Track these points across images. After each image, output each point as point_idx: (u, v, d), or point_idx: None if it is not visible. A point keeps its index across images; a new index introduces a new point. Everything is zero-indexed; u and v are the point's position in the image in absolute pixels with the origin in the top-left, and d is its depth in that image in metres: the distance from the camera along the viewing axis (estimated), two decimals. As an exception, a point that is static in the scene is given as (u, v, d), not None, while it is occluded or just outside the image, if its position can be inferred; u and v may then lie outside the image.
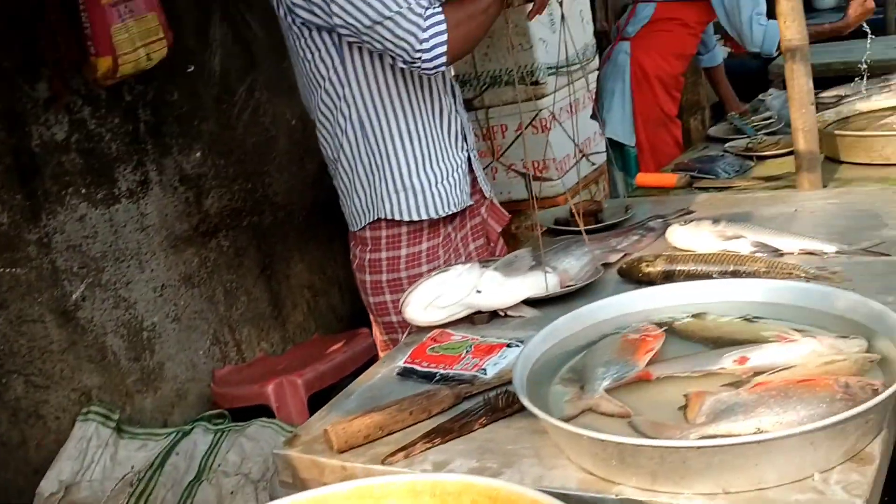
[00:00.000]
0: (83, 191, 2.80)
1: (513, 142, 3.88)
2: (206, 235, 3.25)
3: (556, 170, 3.97)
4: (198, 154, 3.22)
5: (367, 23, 1.86)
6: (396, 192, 2.09)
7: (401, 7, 1.85)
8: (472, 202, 2.22)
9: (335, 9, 1.87)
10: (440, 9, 1.90)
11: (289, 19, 1.99)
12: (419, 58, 1.88)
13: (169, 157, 3.10)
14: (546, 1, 2.05)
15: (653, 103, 3.45)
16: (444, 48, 1.87)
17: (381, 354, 2.26)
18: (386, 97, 2.04)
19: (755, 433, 1.07)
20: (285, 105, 3.64)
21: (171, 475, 2.63)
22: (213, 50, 3.29)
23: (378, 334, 2.28)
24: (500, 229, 2.39)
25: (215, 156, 3.30)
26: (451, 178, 2.15)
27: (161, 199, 3.07)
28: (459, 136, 2.20)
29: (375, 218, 2.11)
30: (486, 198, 2.36)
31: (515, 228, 3.94)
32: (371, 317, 2.27)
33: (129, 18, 2.57)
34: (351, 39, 1.95)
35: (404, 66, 1.94)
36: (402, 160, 2.09)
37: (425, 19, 1.86)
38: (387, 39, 1.87)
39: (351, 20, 1.87)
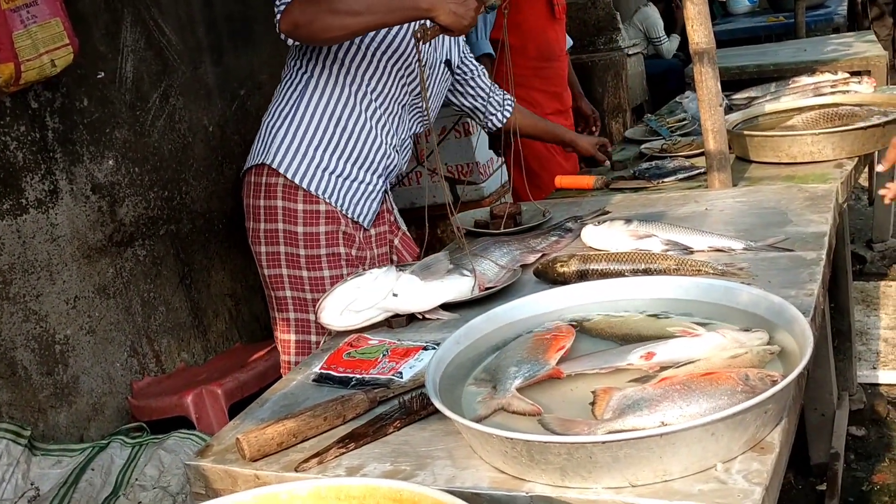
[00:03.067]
0: (-12, 201, 2.70)
1: (438, 143, 3.89)
2: (121, 245, 3.16)
3: (480, 174, 4.00)
4: (111, 162, 3.13)
5: None
6: (295, 152, 2.14)
7: None
8: (365, 225, 2.23)
9: None
10: None
11: None
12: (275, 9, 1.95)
13: (80, 165, 3.01)
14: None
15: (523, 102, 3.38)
16: (279, 15, 1.94)
17: (277, 334, 2.23)
18: (345, 79, 2.14)
19: (659, 427, 1.09)
20: (202, 111, 3.58)
21: (86, 491, 2.54)
22: (124, 55, 3.20)
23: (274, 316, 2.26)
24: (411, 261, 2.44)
25: (129, 163, 3.21)
26: (353, 184, 2.17)
27: (72, 208, 2.97)
28: (382, 162, 2.24)
29: (262, 161, 2.15)
30: (399, 228, 2.40)
31: (441, 232, 3.94)
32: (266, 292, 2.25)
33: (31, 24, 2.48)
34: None
35: None
36: (317, 131, 2.14)
37: None
38: None
39: None
